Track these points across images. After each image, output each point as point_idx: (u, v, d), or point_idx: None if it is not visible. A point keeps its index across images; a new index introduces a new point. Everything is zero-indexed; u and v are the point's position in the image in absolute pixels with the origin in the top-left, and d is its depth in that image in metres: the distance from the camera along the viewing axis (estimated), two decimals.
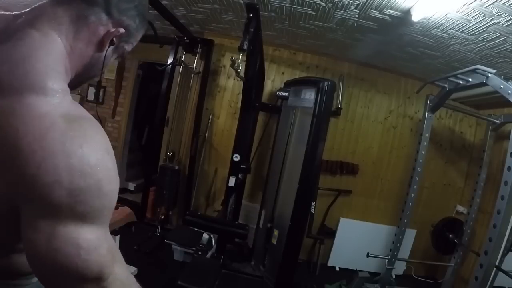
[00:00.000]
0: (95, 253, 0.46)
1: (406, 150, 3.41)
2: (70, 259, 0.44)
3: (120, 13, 0.57)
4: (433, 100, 2.60)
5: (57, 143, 0.43)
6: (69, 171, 0.43)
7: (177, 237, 2.54)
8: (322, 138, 2.52)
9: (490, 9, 1.65)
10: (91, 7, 0.53)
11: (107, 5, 0.54)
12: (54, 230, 0.43)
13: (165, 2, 2.55)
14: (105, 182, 0.47)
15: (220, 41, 3.36)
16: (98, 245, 0.47)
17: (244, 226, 2.33)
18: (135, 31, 0.62)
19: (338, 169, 3.37)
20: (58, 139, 0.43)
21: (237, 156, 2.74)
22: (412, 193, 2.64)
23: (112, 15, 0.56)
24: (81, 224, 0.45)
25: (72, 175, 0.43)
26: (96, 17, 0.54)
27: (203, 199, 3.51)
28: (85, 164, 0.44)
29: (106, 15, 0.55)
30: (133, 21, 0.60)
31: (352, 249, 3.24)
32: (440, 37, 2.18)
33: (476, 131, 3.44)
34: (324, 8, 2.16)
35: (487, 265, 1.76)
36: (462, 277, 2.94)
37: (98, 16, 0.54)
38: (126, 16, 0.58)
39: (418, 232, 3.33)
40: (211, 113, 3.43)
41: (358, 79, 3.40)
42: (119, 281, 0.51)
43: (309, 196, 2.61)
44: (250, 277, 2.71)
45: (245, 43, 1.70)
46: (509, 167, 1.75)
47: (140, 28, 0.63)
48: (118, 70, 4.41)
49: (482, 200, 2.89)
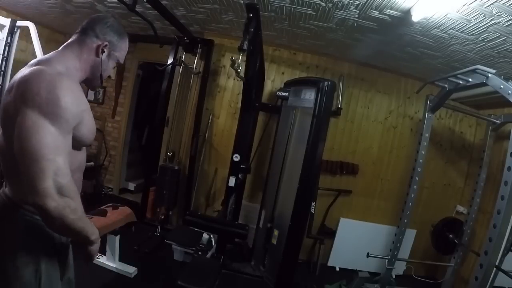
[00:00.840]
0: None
1: (406, 150, 3.42)
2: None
3: (103, 34, 1.01)
4: (433, 100, 2.60)
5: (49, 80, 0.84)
6: (47, 92, 0.81)
7: (177, 237, 2.54)
8: (322, 138, 2.52)
9: (490, 9, 1.65)
10: (86, 35, 1.00)
11: (94, 32, 1.00)
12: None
13: (165, 2, 2.55)
14: (63, 101, 0.83)
15: (220, 41, 3.36)
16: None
17: (244, 226, 2.33)
18: (117, 42, 1.05)
19: (338, 169, 3.37)
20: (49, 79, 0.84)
21: (237, 156, 2.74)
22: (412, 193, 2.64)
23: (98, 36, 1.00)
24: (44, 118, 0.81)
25: (48, 94, 0.81)
26: (90, 39, 1.00)
27: (203, 199, 3.51)
28: (52, 94, 0.82)
29: (95, 37, 1.00)
30: (112, 37, 1.03)
31: (352, 249, 3.24)
32: (440, 37, 2.18)
33: (476, 131, 3.44)
34: (324, 8, 2.16)
35: (487, 265, 1.76)
36: (462, 277, 2.95)
37: (91, 39, 1.00)
38: (107, 35, 1.01)
39: (418, 232, 3.33)
40: (211, 113, 3.43)
41: (358, 79, 3.40)
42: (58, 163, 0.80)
43: (309, 196, 2.61)
44: (250, 277, 2.71)
45: (245, 43, 1.70)
46: (509, 167, 1.75)
47: (120, 40, 1.06)
48: (118, 70, 4.42)
49: (482, 200, 2.89)
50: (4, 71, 2.57)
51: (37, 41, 2.49)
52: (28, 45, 3.37)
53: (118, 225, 2.35)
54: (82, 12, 3.31)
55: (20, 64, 4.27)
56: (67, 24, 4.02)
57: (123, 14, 3.17)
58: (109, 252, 2.50)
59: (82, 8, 3.18)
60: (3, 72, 2.56)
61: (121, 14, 3.20)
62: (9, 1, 3.30)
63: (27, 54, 3.82)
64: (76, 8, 3.19)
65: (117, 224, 2.33)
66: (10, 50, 2.57)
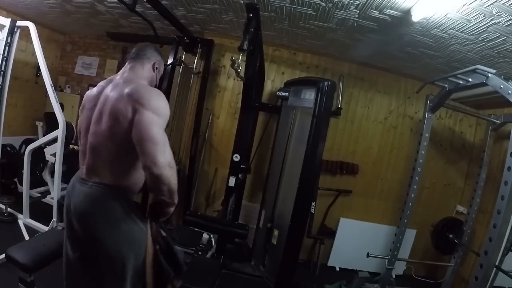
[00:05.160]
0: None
1: (406, 150, 3.42)
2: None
3: (153, 57, 1.44)
4: (433, 100, 2.60)
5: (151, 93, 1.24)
6: (156, 99, 1.20)
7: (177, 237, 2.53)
8: (322, 138, 2.52)
9: (490, 9, 1.65)
10: (142, 59, 1.40)
11: (146, 56, 1.41)
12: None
13: (165, 2, 2.55)
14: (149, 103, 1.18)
15: (220, 41, 3.36)
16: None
17: (244, 226, 2.32)
18: (160, 60, 1.48)
19: (338, 169, 3.37)
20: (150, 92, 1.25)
21: (237, 156, 2.74)
22: (412, 193, 2.64)
23: (150, 58, 1.42)
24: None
25: (156, 101, 1.19)
26: (146, 61, 1.41)
27: (203, 199, 3.51)
28: (159, 101, 1.22)
29: (148, 59, 1.41)
30: (157, 57, 1.46)
31: (352, 249, 3.24)
32: (440, 37, 2.18)
33: (476, 131, 3.44)
34: (324, 8, 2.16)
35: (487, 265, 1.76)
36: (462, 277, 2.95)
37: (147, 61, 1.41)
38: (154, 57, 1.44)
39: (418, 232, 3.34)
40: (211, 113, 3.43)
41: (358, 79, 3.40)
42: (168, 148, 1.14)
43: (309, 196, 2.60)
44: (250, 277, 2.71)
45: (245, 43, 1.70)
46: (509, 167, 1.75)
47: (161, 58, 1.50)
48: (118, 70, 4.41)
49: (482, 200, 2.89)
50: (4, 71, 2.56)
51: (37, 41, 2.48)
52: (28, 45, 3.37)
53: None
54: (82, 12, 3.32)
55: (20, 64, 4.25)
56: (67, 24, 4.02)
57: (123, 14, 3.17)
58: None
59: (82, 8, 3.18)
60: (3, 72, 2.55)
61: (121, 14, 3.20)
62: (9, 1, 3.30)
63: (27, 54, 3.83)
64: (76, 8, 3.20)
65: None
66: (10, 50, 2.56)
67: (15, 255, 1.41)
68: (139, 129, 1.12)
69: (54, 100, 2.54)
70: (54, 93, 2.54)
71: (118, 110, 1.17)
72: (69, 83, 4.63)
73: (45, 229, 2.56)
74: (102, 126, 1.21)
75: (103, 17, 3.43)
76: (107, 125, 1.19)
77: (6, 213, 2.84)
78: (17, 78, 3.65)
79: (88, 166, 1.25)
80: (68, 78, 4.64)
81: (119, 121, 1.17)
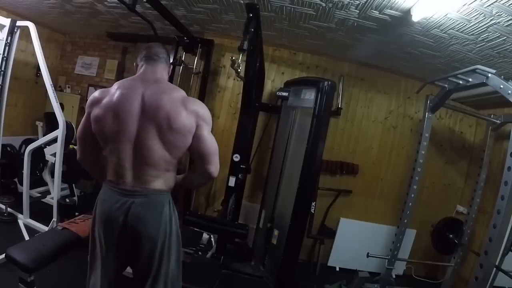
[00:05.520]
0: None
1: (406, 150, 3.42)
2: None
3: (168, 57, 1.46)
4: (433, 100, 2.60)
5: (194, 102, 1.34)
6: (209, 116, 1.37)
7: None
8: (322, 138, 2.52)
9: (490, 9, 1.65)
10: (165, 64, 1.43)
11: (164, 57, 1.42)
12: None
13: (165, 2, 2.55)
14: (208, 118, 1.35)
15: (220, 41, 3.36)
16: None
17: (244, 226, 2.32)
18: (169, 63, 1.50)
19: (338, 169, 3.37)
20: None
21: (237, 156, 2.74)
22: (412, 193, 2.64)
23: (167, 62, 1.45)
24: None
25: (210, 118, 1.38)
26: (166, 65, 1.43)
27: (203, 199, 3.51)
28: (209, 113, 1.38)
29: (167, 63, 1.44)
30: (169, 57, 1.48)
31: (352, 249, 3.24)
32: (440, 37, 2.18)
33: (476, 131, 3.44)
34: (324, 8, 2.16)
35: (487, 265, 1.76)
36: (462, 277, 2.95)
37: (166, 65, 1.43)
38: (169, 57, 1.47)
39: (418, 232, 3.33)
40: (211, 113, 3.41)
41: (358, 79, 3.40)
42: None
43: (309, 196, 2.60)
44: (250, 277, 2.71)
45: (245, 43, 1.70)
46: (509, 167, 1.74)
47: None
48: (118, 70, 4.42)
49: (482, 200, 2.89)
50: (4, 71, 2.56)
51: (37, 41, 2.48)
52: (28, 45, 3.37)
53: None
54: (82, 12, 3.32)
55: (20, 64, 4.25)
56: (67, 24, 4.02)
57: (123, 14, 3.17)
58: None
59: (82, 8, 3.18)
60: (3, 72, 2.55)
61: (121, 14, 3.20)
62: (9, 1, 3.30)
63: (27, 54, 3.83)
64: (76, 8, 3.20)
65: None
66: (10, 50, 2.56)
67: (15, 255, 1.42)
68: (206, 145, 1.30)
69: (54, 100, 2.54)
70: (54, 93, 2.54)
71: (183, 125, 1.24)
72: (69, 83, 4.63)
73: (45, 229, 2.56)
74: (158, 137, 1.22)
75: (103, 17, 3.43)
76: (168, 138, 1.23)
77: (6, 213, 2.85)
78: (17, 78, 3.64)
79: (136, 175, 1.25)
80: (68, 78, 4.64)
81: (184, 135, 1.25)
